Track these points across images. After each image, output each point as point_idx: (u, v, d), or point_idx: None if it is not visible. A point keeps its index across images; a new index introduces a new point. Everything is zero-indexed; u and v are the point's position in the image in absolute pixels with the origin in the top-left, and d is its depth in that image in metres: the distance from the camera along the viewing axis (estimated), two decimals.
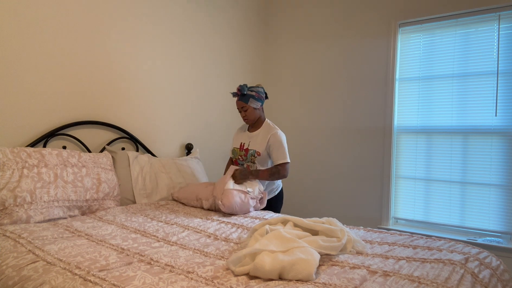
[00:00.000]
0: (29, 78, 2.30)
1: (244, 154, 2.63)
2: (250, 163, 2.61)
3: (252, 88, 2.59)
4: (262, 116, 2.68)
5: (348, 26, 3.57)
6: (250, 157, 2.59)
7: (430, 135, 3.19)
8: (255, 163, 2.59)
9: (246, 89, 2.54)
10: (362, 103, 3.48)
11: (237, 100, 2.60)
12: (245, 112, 2.58)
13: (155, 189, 2.65)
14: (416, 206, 3.27)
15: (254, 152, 2.57)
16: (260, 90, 2.59)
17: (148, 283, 1.24)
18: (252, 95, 2.54)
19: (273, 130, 2.57)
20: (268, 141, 2.54)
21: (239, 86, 2.54)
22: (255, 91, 2.56)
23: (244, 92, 2.54)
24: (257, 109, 2.60)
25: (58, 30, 2.43)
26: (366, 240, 1.84)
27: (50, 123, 2.41)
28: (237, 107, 2.67)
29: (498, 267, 1.61)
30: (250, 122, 2.64)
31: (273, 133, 2.55)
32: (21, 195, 1.96)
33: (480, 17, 2.96)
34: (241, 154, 2.65)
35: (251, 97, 2.54)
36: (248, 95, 2.54)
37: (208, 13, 3.45)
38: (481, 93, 2.97)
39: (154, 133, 3.05)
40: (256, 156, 2.56)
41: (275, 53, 4.08)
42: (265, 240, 1.47)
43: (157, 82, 3.06)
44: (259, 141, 2.58)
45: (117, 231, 1.84)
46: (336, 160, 3.64)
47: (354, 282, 1.28)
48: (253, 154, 2.58)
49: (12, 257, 1.48)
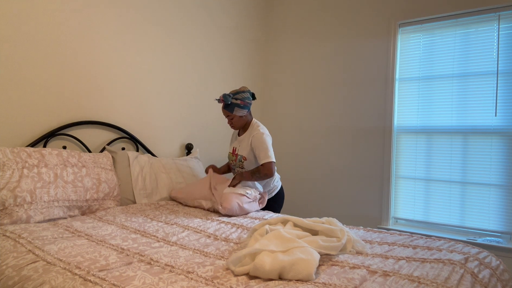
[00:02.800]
0: (29, 78, 2.30)
1: (234, 159, 2.64)
2: (239, 168, 2.62)
3: (236, 95, 2.49)
4: (249, 119, 2.63)
5: (348, 26, 3.57)
6: (239, 162, 2.59)
7: (430, 135, 3.19)
8: (243, 168, 2.59)
9: (229, 99, 2.46)
10: (362, 103, 3.48)
11: (222, 107, 2.54)
12: (231, 120, 2.55)
13: (155, 189, 2.65)
14: (416, 206, 3.27)
15: (241, 158, 2.57)
16: (245, 96, 2.50)
17: (148, 283, 1.24)
18: (237, 104, 2.47)
19: (255, 132, 2.53)
20: (251, 144, 2.52)
21: (221, 96, 2.46)
22: (240, 99, 2.48)
23: (228, 102, 2.47)
24: (242, 117, 2.56)
25: (58, 31, 2.42)
26: (366, 240, 1.85)
27: (50, 123, 2.41)
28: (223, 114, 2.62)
29: (497, 267, 1.61)
30: (236, 129, 2.63)
31: (254, 134, 2.51)
32: (21, 195, 1.96)
33: (480, 17, 2.96)
34: (233, 159, 2.66)
35: (236, 105, 2.48)
36: (232, 104, 2.47)
37: (209, 13, 3.45)
38: (481, 93, 2.97)
39: (154, 133, 3.05)
40: (243, 161, 2.56)
41: (275, 53, 4.08)
42: (265, 240, 1.47)
43: (157, 82, 3.06)
44: (244, 145, 2.57)
45: (117, 231, 1.84)
46: (336, 160, 3.64)
47: (354, 282, 1.28)
48: (240, 159, 2.58)
49: (12, 257, 1.48)
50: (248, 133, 2.58)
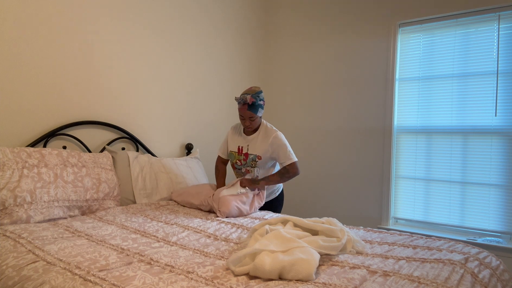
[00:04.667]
0: (29, 78, 2.30)
1: (243, 159, 2.55)
2: (249, 168, 2.55)
3: (259, 95, 2.43)
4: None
5: (348, 26, 3.57)
6: (251, 162, 2.53)
7: (430, 135, 3.19)
8: (255, 167, 2.53)
9: (258, 99, 2.40)
10: (362, 103, 3.48)
11: (245, 109, 2.40)
12: (252, 122, 2.46)
13: (155, 189, 2.65)
14: (416, 206, 3.27)
15: (255, 157, 2.50)
16: (263, 97, 2.47)
17: (148, 283, 1.24)
18: (260, 105, 2.43)
19: (273, 133, 2.49)
20: (271, 145, 2.47)
21: (251, 97, 2.36)
22: (262, 99, 2.45)
23: (257, 103, 2.40)
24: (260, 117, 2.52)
25: (58, 31, 2.42)
26: (366, 240, 1.85)
27: (50, 123, 2.41)
28: (241, 115, 2.45)
29: (498, 267, 1.61)
30: (254, 130, 2.54)
31: (274, 135, 2.48)
32: (21, 195, 1.96)
33: (480, 17, 2.96)
34: (240, 158, 2.57)
35: (260, 106, 2.43)
36: (258, 105, 2.41)
37: (208, 14, 3.45)
38: (481, 93, 2.97)
39: (154, 133, 3.05)
40: (257, 160, 2.51)
41: (275, 53, 4.08)
42: (265, 240, 1.47)
43: (157, 82, 3.05)
44: (258, 145, 2.50)
45: (117, 231, 1.84)
46: (336, 160, 3.64)
47: (354, 282, 1.28)
48: (253, 159, 2.51)
49: (12, 257, 1.48)
50: (263, 133, 2.52)
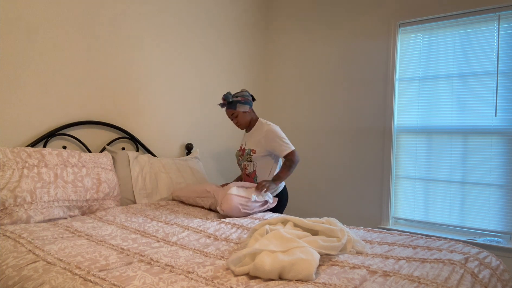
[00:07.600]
0: (29, 78, 2.30)
1: (241, 154, 2.73)
2: (246, 162, 2.69)
3: (236, 94, 2.67)
4: (253, 117, 2.76)
5: (348, 26, 3.57)
6: (247, 156, 2.67)
7: (430, 135, 3.19)
8: (251, 161, 2.65)
9: (230, 97, 2.63)
10: (362, 103, 3.48)
11: (225, 109, 2.68)
12: (236, 119, 2.67)
13: (155, 189, 2.65)
14: (416, 206, 3.27)
15: (250, 151, 2.65)
16: (245, 94, 2.67)
17: (148, 283, 1.24)
18: (238, 101, 2.63)
19: (265, 127, 2.64)
20: (265, 137, 2.60)
21: (223, 96, 2.63)
22: (240, 96, 2.65)
23: (229, 100, 2.63)
24: (246, 113, 2.69)
25: (59, 31, 2.42)
26: (366, 240, 1.85)
27: (50, 123, 2.41)
28: (228, 116, 2.76)
29: (498, 267, 1.61)
30: (243, 127, 2.74)
31: (267, 129, 2.62)
32: (21, 195, 1.96)
33: (480, 17, 2.96)
34: (239, 154, 2.77)
35: (238, 102, 2.63)
36: (234, 101, 2.64)
37: (208, 13, 3.45)
38: (481, 93, 2.97)
39: (154, 133, 3.05)
40: (252, 154, 2.64)
41: (275, 53, 4.08)
42: (265, 240, 1.47)
43: (157, 82, 3.06)
44: (253, 140, 2.67)
45: (117, 231, 1.84)
46: (336, 160, 3.64)
47: (354, 282, 1.28)
48: (248, 153, 2.66)
49: (12, 257, 1.48)
50: (258, 128, 2.69)
